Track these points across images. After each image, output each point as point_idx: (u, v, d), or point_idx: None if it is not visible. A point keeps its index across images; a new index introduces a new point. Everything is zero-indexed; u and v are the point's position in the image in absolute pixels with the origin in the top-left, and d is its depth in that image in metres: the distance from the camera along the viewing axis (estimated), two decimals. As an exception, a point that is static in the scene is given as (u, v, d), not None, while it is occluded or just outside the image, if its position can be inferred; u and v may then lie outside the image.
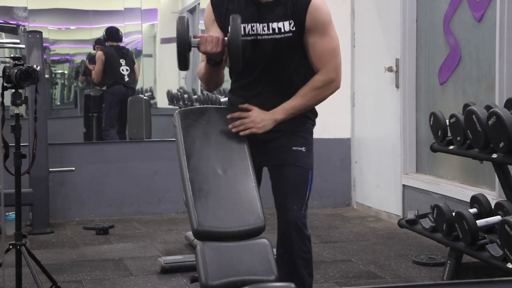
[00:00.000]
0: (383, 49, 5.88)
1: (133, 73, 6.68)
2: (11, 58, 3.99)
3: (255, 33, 2.97)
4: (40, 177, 5.49)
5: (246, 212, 2.80)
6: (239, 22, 2.81)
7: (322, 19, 2.95)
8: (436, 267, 4.45)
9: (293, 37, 2.96)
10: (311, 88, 3.00)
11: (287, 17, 2.94)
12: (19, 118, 3.85)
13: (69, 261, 4.76)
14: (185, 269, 4.40)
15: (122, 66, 6.60)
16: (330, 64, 2.99)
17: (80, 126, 6.67)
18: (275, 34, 2.95)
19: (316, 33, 2.95)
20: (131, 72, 6.65)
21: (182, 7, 7.26)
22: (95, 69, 6.59)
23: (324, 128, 6.33)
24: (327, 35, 2.97)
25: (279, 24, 2.95)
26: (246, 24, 2.96)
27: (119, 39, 6.65)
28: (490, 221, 3.65)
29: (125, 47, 6.70)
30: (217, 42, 2.84)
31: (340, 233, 5.46)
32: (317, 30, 2.94)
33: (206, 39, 2.85)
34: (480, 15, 4.81)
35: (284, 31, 2.95)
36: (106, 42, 6.62)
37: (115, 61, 6.59)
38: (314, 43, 2.96)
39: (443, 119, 3.95)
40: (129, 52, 6.72)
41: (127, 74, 6.62)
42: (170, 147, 5.72)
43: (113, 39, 6.62)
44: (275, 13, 2.95)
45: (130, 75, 6.65)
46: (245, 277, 2.67)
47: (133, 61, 6.71)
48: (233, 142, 3.00)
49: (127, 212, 6.16)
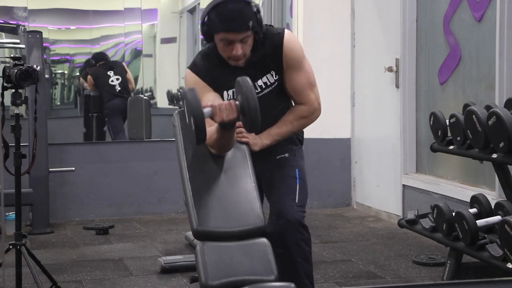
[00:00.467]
0: (383, 49, 5.88)
1: (125, 81, 6.68)
2: (11, 58, 3.98)
3: None
4: (40, 177, 5.49)
5: (246, 212, 2.80)
6: (250, 83, 2.73)
7: (297, 56, 3.08)
8: (436, 267, 4.45)
9: (278, 84, 3.08)
10: (297, 116, 3.13)
11: (269, 69, 3.05)
12: (19, 118, 3.85)
13: (69, 261, 4.77)
14: (185, 269, 4.40)
15: (111, 77, 6.63)
16: (311, 96, 3.15)
17: (80, 126, 6.68)
18: (264, 89, 3.06)
19: (292, 69, 3.07)
20: (122, 80, 6.65)
21: (182, 7, 7.26)
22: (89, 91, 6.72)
23: (324, 128, 6.33)
24: (303, 69, 3.11)
25: (263, 79, 3.06)
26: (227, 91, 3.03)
27: (106, 59, 6.73)
28: (490, 221, 3.65)
29: (113, 60, 6.74)
30: (231, 109, 2.74)
31: (340, 233, 5.46)
32: (293, 67, 3.07)
33: (219, 108, 2.75)
34: (480, 15, 4.81)
35: (271, 83, 3.07)
36: (95, 64, 6.69)
37: (104, 77, 6.66)
38: (292, 80, 3.09)
39: (443, 119, 3.95)
40: (117, 62, 6.74)
41: (118, 83, 6.63)
42: (170, 147, 5.72)
43: (100, 60, 6.71)
44: (257, 70, 3.04)
45: (122, 83, 6.65)
46: (245, 277, 2.67)
47: (123, 70, 6.71)
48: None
49: (127, 212, 6.16)
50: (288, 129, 3.12)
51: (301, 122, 3.14)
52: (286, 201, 3.04)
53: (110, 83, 6.61)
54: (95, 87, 6.68)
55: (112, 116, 6.71)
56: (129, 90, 6.76)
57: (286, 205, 3.03)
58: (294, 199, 3.05)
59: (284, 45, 3.03)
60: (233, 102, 2.75)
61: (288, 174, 3.11)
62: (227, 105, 2.75)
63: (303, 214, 3.06)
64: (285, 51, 3.03)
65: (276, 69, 3.06)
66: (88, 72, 6.71)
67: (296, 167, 3.14)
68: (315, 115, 3.17)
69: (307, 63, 3.15)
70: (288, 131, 3.12)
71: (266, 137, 3.08)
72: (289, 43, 3.04)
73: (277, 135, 3.10)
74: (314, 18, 6.29)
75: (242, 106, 2.73)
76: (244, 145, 3.01)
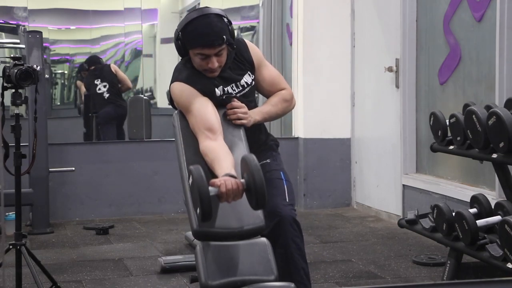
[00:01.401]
0: (383, 49, 5.88)
1: (114, 85, 6.66)
2: (11, 58, 3.98)
3: (228, 93, 3.13)
4: (40, 177, 5.49)
5: (246, 212, 2.80)
6: (256, 161, 2.68)
7: (261, 55, 3.28)
8: (436, 267, 4.45)
9: (253, 86, 3.23)
10: (281, 99, 3.27)
11: (245, 70, 3.18)
12: (19, 118, 3.85)
13: (69, 261, 4.77)
14: (185, 269, 4.40)
15: (98, 85, 6.64)
16: (287, 85, 3.35)
17: (80, 126, 6.68)
18: (245, 88, 3.17)
19: (262, 65, 3.26)
20: (109, 86, 6.64)
21: (182, 7, 7.27)
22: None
23: (324, 128, 6.34)
24: (268, 65, 3.31)
25: (243, 80, 3.16)
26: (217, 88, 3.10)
27: (98, 63, 6.73)
28: (490, 221, 3.65)
29: (101, 65, 6.73)
30: (237, 192, 2.69)
31: (340, 233, 5.46)
32: (262, 63, 3.26)
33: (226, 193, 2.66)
34: (480, 15, 4.81)
35: (250, 83, 3.19)
36: (88, 68, 6.69)
37: (92, 86, 6.67)
38: (265, 74, 3.26)
39: (443, 119, 3.95)
40: (105, 67, 6.73)
41: (106, 91, 6.63)
42: (170, 147, 5.72)
43: (92, 64, 6.72)
44: (235, 73, 3.16)
45: (110, 89, 6.65)
46: (245, 277, 2.67)
47: (110, 74, 6.68)
48: (233, 142, 3.00)
49: (127, 212, 6.16)
50: (274, 110, 3.24)
51: (284, 105, 3.28)
52: (277, 200, 3.08)
53: (98, 92, 6.62)
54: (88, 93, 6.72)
55: (104, 124, 6.72)
56: (120, 94, 6.74)
57: (278, 204, 3.07)
58: (285, 199, 3.12)
59: (248, 45, 3.22)
60: (239, 183, 2.68)
61: (274, 177, 3.19)
62: (234, 188, 2.67)
63: (295, 212, 3.12)
64: (251, 50, 3.21)
65: (250, 69, 3.19)
66: (83, 76, 6.73)
67: (280, 170, 3.24)
68: (294, 102, 3.34)
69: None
70: (274, 112, 3.25)
71: (257, 114, 3.17)
72: (251, 44, 3.26)
73: (267, 114, 3.22)
74: (314, 18, 6.29)
75: (248, 185, 2.67)
76: (244, 146, 3.01)
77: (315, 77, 6.29)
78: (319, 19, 6.29)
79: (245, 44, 3.21)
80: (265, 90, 3.29)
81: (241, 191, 2.69)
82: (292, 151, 6.34)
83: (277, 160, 3.29)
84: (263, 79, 3.25)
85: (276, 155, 3.31)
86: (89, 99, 6.72)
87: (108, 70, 6.70)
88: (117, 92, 6.71)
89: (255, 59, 3.21)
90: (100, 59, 6.80)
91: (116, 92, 6.70)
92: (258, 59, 3.23)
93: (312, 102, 6.26)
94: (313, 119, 6.32)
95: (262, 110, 3.22)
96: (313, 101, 6.26)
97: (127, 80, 6.79)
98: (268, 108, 3.23)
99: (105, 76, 6.66)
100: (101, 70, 6.69)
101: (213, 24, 2.98)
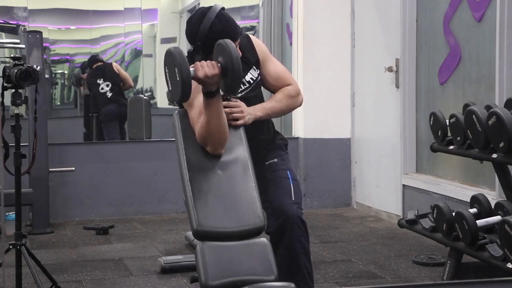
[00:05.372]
0: (383, 49, 5.88)
1: (117, 84, 6.68)
2: (11, 58, 3.98)
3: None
4: (40, 177, 5.49)
5: (246, 212, 2.80)
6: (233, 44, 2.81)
7: (265, 49, 3.28)
8: (436, 267, 4.45)
9: (259, 81, 3.24)
10: (286, 95, 3.24)
11: (250, 65, 3.18)
12: (19, 118, 3.85)
13: (69, 261, 4.77)
14: (185, 269, 4.40)
15: (100, 85, 6.64)
16: (293, 80, 3.32)
17: (80, 126, 6.68)
18: (251, 85, 3.18)
19: (267, 60, 3.25)
20: (112, 85, 6.66)
21: (182, 7, 7.27)
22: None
23: (324, 128, 6.34)
24: (273, 60, 3.31)
25: (249, 75, 3.18)
26: None
27: (100, 61, 6.75)
28: (490, 221, 3.65)
29: (103, 64, 6.75)
30: (211, 65, 2.80)
31: (340, 233, 5.46)
32: (267, 58, 3.26)
33: (201, 64, 2.81)
34: (480, 15, 4.81)
35: (256, 78, 3.20)
36: (90, 66, 6.71)
37: (95, 86, 6.68)
38: (270, 69, 3.25)
39: (443, 119, 3.95)
40: (107, 66, 6.74)
41: (109, 90, 6.65)
42: (170, 147, 5.72)
43: (94, 62, 6.73)
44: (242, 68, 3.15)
45: (112, 88, 6.66)
46: (245, 277, 2.67)
47: (113, 73, 6.70)
48: (233, 142, 3.00)
49: (127, 212, 6.16)
50: (279, 106, 3.21)
51: (290, 101, 3.24)
52: (284, 199, 3.09)
53: (100, 91, 6.63)
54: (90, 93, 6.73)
55: (107, 121, 6.73)
56: (122, 93, 6.75)
57: (284, 203, 3.08)
58: (291, 197, 3.12)
59: (252, 40, 3.22)
60: (214, 62, 2.82)
61: (281, 176, 3.19)
62: (208, 62, 2.81)
63: (301, 211, 3.12)
64: (255, 45, 3.21)
65: (255, 64, 3.19)
66: (84, 78, 6.74)
67: (287, 169, 3.23)
68: (300, 99, 3.30)
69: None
70: (278, 108, 3.21)
71: (259, 110, 3.15)
72: (255, 39, 3.26)
73: (270, 110, 3.19)
74: (314, 18, 6.29)
75: (224, 65, 2.78)
76: (244, 146, 3.01)
77: (315, 77, 6.29)
78: (319, 19, 6.29)
79: (249, 39, 3.22)
80: (270, 85, 3.27)
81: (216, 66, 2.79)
82: (292, 151, 6.29)
83: (284, 159, 3.28)
84: (268, 74, 3.24)
85: (284, 154, 3.30)
86: (90, 98, 6.73)
87: (110, 69, 6.72)
88: (119, 91, 6.72)
89: (260, 55, 3.21)
90: (100, 57, 6.81)
91: (118, 91, 6.71)
92: (263, 54, 3.23)
93: (312, 102, 6.26)
94: (313, 119, 6.32)
95: (265, 106, 3.20)
96: (313, 101, 6.26)
97: (129, 78, 6.80)
98: (272, 104, 3.21)
99: (107, 75, 6.67)
100: (103, 69, 6.70)
101: (231, 21, 3.05)
